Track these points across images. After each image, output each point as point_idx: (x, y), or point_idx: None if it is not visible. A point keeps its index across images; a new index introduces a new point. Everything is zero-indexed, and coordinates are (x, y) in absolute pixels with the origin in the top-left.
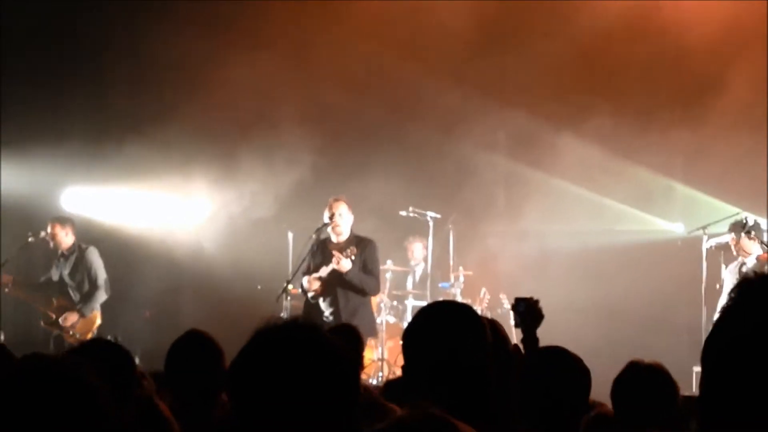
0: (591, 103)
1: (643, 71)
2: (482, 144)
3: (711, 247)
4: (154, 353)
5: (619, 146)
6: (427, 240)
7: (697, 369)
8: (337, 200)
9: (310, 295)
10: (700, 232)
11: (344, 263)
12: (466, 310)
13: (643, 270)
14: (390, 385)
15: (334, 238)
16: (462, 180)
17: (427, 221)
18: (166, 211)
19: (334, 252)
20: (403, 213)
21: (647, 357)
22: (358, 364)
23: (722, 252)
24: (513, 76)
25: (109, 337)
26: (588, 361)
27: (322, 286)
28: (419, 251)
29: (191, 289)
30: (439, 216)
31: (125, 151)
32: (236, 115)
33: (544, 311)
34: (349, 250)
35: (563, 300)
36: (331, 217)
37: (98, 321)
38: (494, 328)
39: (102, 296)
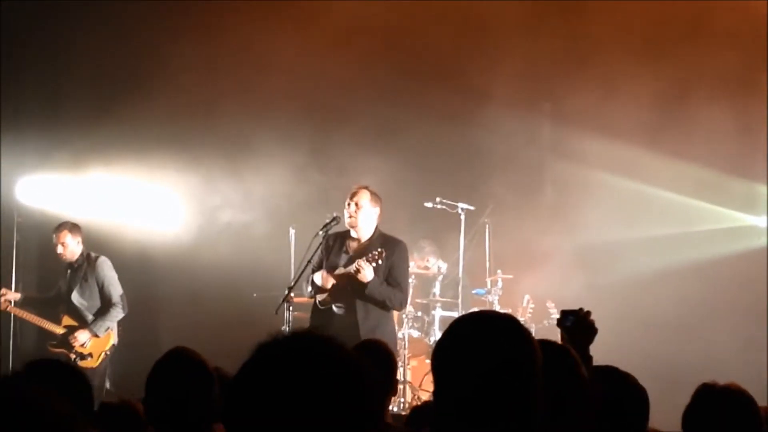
0: (653, 71)
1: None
2: (524, 119)
3: None
4: (126, 378)
5: (690, 125)
6: (459, 237)
7: None
8: (359, 188)
9: (319, 298)
10: None
11: (367, 272)
12: (511, 322)
13: (717, 274)
14: (417, 412)
15: (354, 235)
16: (500, 164)
17: (458, 214)
18: (140, 205)
19: (358, 261)
20: (428, 204)
21: (725, 378)
22: (378, 385)
23: None
24: (564, 36)
25: (72, 357)
26: (655, 384)
27: (334, 288)
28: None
29: (171, 299)
30: (472, 208)
31: (90, 134)
32: (219, 91)
33: (599, 323)
34: (376, 253)
35: (624, 311)
36: (348, 207)
37: (112, 341)
38: (565, 354)
39: (118, 314)
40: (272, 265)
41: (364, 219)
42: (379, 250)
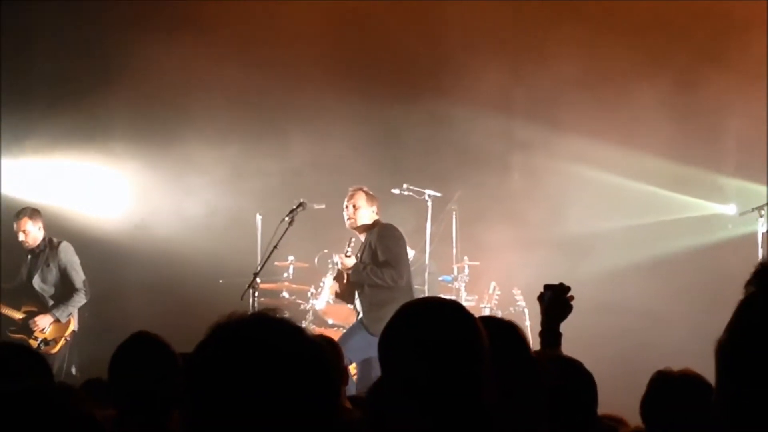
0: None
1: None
2: (493, 106)
3: None
4: (92, 363)
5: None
6: (426, 224)
7: None
8: (355, 191)
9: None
10: (755, 213)
11: (346, 261)
12: (454, 306)
13: (691, 263)
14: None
15: (358, 233)
16: (468, 151)
17: (425, 201)
18: (107, 192)
19: (337, 256)
20: (395, 191)
21: (695, 365)
22: (336, 366)
23: None
24: (534, 24)
25: (36, 343)
26: (624, 372)
27: (341, 287)
28: None
29: (138, 285)
30: (439, 195)
31: (57, 122)
32: (189, 81)
33: (574, 309)
34: (347, 242)
35: (591, 297)
36: (346, 209)
37: (73, 327)
38: (512, 330)
39: (81, 299)
40: (238, 251)
41: (362, 218)
42: (351, 239)
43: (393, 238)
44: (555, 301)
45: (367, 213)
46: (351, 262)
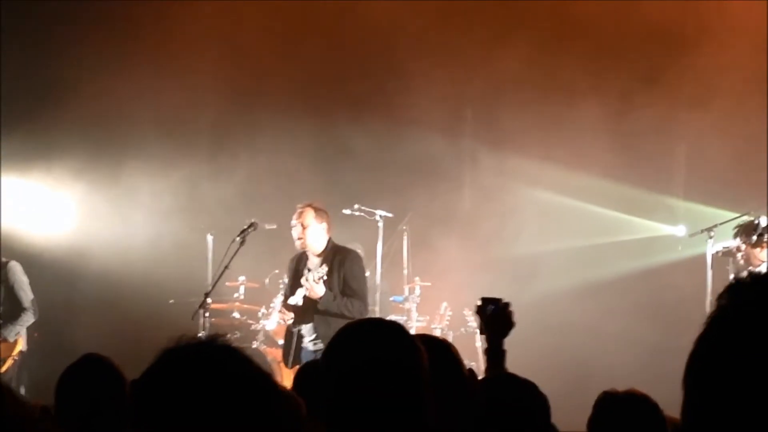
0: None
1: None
2: (444, 127)
3: (717, 253)
4: (40, 384)
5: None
6: (377, 244)
7: None
8: (303, 208)
9: (288, 321)
10: (704, 235)
11: (316, 290)
12: (394, 326)
13: (641, 284)
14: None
15: (309, 254)
16: (418, 172)
17: (377, 221)
18: (58, 212)
19: (303, 281)
20: (347, 212)
21: (645, 385)
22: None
23: (731, 259)
24: (486, 43)
25: None
26: (569, 392)
27: (298, 310)
28: None
29: (89, 306)
30: (391, 215)
31: (5, 141)
32: (134, 96)
33: (518, 332)
34: (322, 271)
35: (541, 317)
36: (294, 228)
37: (21, 347)
38: (445, 349)
39: (29, 318)
40: (189, 271)
41: (312, 237)
42: (323, 266)
43: (360, 269)
44: (496, 318)
45: (317, 231)
46: (321, 290)
